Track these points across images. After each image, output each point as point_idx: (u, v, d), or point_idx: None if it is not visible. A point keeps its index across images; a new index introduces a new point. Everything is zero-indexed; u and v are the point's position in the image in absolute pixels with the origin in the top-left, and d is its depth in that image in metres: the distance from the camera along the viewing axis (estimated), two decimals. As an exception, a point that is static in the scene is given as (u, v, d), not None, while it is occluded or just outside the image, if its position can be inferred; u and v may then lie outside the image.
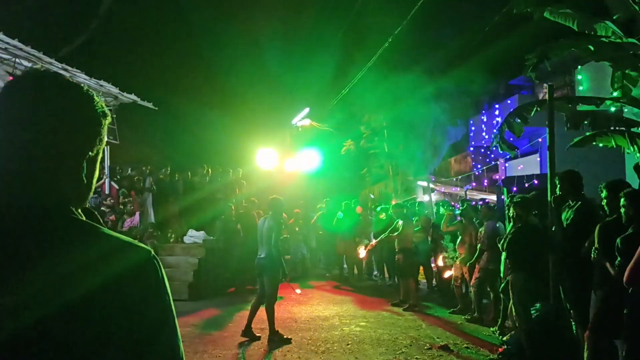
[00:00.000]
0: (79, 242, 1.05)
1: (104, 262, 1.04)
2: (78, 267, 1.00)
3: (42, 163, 1.07)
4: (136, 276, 1.07)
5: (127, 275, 1.05)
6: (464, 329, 8.10)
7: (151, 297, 1.08)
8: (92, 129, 1.14)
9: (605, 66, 8.33)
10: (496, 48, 17.29)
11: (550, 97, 6.93)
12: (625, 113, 9.57)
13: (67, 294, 0.98)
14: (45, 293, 0.97)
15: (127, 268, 1.06)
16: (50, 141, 1.07)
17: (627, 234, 4.19)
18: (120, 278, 1.04)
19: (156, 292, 1.10)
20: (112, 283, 1.02)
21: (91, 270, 1.01)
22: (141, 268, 1.09)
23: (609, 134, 7.62)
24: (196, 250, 11.62)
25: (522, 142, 15.65)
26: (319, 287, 12.37)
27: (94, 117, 1.14)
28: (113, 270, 1.03)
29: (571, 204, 5.81)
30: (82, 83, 1.14)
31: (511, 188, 9.44)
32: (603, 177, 6.13)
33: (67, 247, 1.03)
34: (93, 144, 1.14)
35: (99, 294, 1.00)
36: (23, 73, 1.17)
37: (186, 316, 8.86)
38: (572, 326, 5.88)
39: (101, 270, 1.02)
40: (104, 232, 1.10)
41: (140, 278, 1.08)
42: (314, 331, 7.98)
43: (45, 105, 1.08)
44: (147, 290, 1.08)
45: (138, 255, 1.10)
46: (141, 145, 18.18)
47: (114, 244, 1.09)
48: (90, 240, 1.07)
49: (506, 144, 8.03)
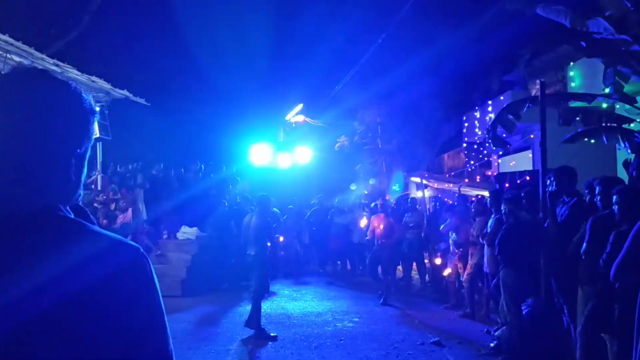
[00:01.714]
0: (66, 240, 1.04)
1: (92, 260, 1.02)
2: (64, 266, 0.99)
3: (30, 161, 1.05)
4: (125, 274, 1.06)
5: (115, 273, 1.04)
6: (456, 325, 8.14)
7: (141, 296, 1.07)
8: (80, 126, 1.12)
9: (597, 63, 8.36)
10: (489, 44, 17.34)
11: (542, 93, 6.95)
12: (617, 110, 9.62)
13: (54, 294, 0.97)
14: (31, 294, 0.96)
15: (116, 266, 1.05)
16: (39, 138, 1.06)
17: (620, 230, 4.21)
18: (109, 276, 1.03)
19: (145, 290, 1.08)
20: (100, 282, 1.01)
21: (78, 269, 1.00)
22: (130, 266, 1.08)
23: (601, 130, 7.66)
24: (189, 246, 11.60)
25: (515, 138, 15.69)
26: (312, 283, 12.39)
27: (83, 114, 1.12)
28: (101, 269, 1.02)
29: (566, 200, 5.83)
30: (74, 79, 1.13)
31: (503, 184, 9.47)
32: (594, 174, 6.16)
33: (54, 245, 1.02)
34: (81, 141, 1.13)
35: (86, 293, 0.99)
36: (11, 69, 1.16)
37: (179, 313, 8.85)
38: (562, 322, 5.92)
39: (89, 269, 1.01)
40: (92, 230, 1.09)
41: (129, 276, 1.06)
42: (307, 327, 8.00)
43: (33, 102, 1.06)
44: (137, 288, 1.06)
45: (126, 252, 1.09)
46: (134, 141, 18.07)
47: (102, 242, 1.08)
48: (77, 238, 1.06)
49: (499, 140, 8.06)
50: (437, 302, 9.79)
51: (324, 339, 7.27)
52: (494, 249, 6.66)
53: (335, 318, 8.62)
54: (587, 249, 4.72)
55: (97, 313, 1.00)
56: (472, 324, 8.15)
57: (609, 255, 4.12)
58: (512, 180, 9.76)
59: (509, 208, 6.38)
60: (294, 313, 8.99)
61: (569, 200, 5.77)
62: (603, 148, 8.95)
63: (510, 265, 6.21)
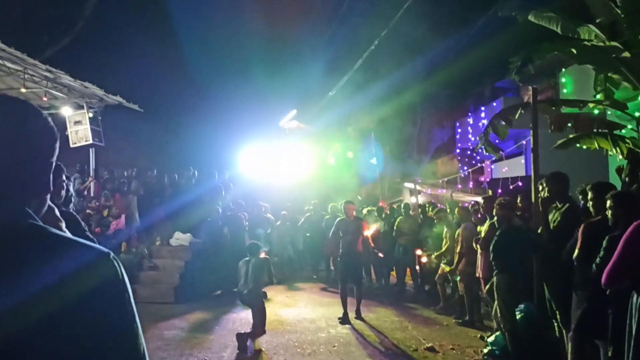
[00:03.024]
0: (33, 254, 1.05)
1: (63, 268, 1.03)
2: (33, 276, 1.00)
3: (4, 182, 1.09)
4: (95, 281, 1.06)
5: (85, 280, 1.05)
6: (450, 330, 8.14)
7: (112, 302, 1.07)
8: (50, 149, 1.18)
9: (588, 69, 8.43)
10: (482, 50, 17.46)
11: (534, 99, 7.00)
12: (608, 116, 9.69)
13: (23, 305, 0.97)
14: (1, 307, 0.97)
15: (86, 272, 1.06)
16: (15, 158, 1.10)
17: (614, 235, 4.22)
18: (79, 284, 1.03)
19: (117, 295, 1.09)
20: (70, 289, 1.02)
21: (47, 277, 1.01)
22: (100, 271, 1.09)
23: (592, 136, 7.72)
24: (182, 253, 11.56)
25: (508, 144, 15.77)
26: (306, 289, 12.36)
27: (52, 138, 1.19)
28: (72, 276, 1.03)
29: (559, 205, 5.86)
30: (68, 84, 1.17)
31: (496, 190, 9.51)
32: (587, 179, 6.20)
33: (22, 257, 1.03)
34: (52, 156, 1.19)
35: (56, 301, 1.00)
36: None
37: (172, 319, 8.81)
38: (554, 327, 5.94)
39: (59, 276, 1.02)
40: (60, 237, 1.12)
41: (99, 282, 1.07)
42: (300, 333, 7.97)
43: (8, 129, 1.11)
44: (107, 294, 1.07)
45: (97, 257, 1.10)
46: (127, 148, 18.05)
47: (71, 248, 1.10)
48: (46, 247, 1.07)
49: (491, 146, 8.10)
50: (431, 307, 9.79)
51: (317, 346, 7.25)
52: (488, 254, 6.67)
53: (328, 324, 8.60)
54: (579, 254, 4.74)
55: (66, 322, 1.00)
56: (466, 329, 8.15)
57: (602, 260, 4.14)
58: (504, 186, 9.81)
59: (502, 213, 6.39)
60: (288, 319, 8.96)
61: (562, 206, 5.80)
62: (595, 154, 9.01)
63: (504, 270, 6.21)
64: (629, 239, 3.65)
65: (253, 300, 7.30)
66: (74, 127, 10.89)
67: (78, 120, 10.91)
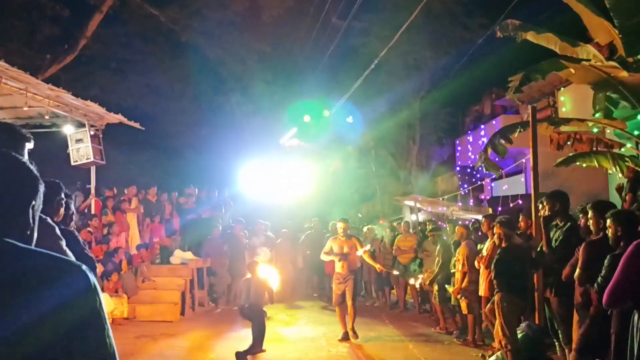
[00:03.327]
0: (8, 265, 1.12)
1: (34, 282, 1.10)
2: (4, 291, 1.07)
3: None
4: (66, 292, 1.12)
5: (56, 292, 1.10)
6: (451, 349, 8.09)
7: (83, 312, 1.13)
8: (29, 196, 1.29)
9: (587, 88, 8.47)
10: (481, 69, 17.58)
11: (533, 118, 7.04)
12: (608, 134, 9.72)
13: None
14: None
15: (57, 284, 1.12)
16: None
17: (615, 254, 4.22)
18: (50, 297, 1.09)
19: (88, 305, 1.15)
20: (41, 302, 1.07)
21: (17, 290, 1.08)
22: (72, 283, 1.14)
23: (592, 154, 7.74)
24: (183, 271, 11.53)
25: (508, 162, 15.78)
26: (306, 307, 12.31)
27: (35, 183, 1.31)
28: (43, 289, 1.09)
29: (559, 224, 5.87)
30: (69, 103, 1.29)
31: (496, 208, 9.52)
32: (586, 198, 6.22)
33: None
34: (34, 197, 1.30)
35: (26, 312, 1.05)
36: None
37: (173, 338, 8.77)
38: (556, 346, 5.91)
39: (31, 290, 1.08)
40: (33, 251, 1.19)
41: (71, 293, 1.12)
42: (300, 352, 7.93)
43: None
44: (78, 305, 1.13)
45: (68, 269, 1.18)
46: (128, 165, 18.08)
47: (44, 263, 1.16)
48: (18, 261, 1.14)
49: (491, 164, 8.12)
50: (432, 326, 9.73)
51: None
52: (490, 272, 6.66)
53: (329, 343, 8.55)
54: (581, 274, 4.74)
55: (37, 333, 1.06)
56: (467, 348, 8.10)
57: (604, 279, 4.13)
58: (505, 204, 9.82)
59: (503, 232, 6.39)
60: (288, 337, 8.92)
61: (563, 224, 5.81)
62: (595, 172, 9.03)
63: (506, 289, 6.20)
64: (630, 258, 3.65)
65: (253, 313, 7.31)
66: (75, 145, 10.91)
67: (79, 138, 10.92)
